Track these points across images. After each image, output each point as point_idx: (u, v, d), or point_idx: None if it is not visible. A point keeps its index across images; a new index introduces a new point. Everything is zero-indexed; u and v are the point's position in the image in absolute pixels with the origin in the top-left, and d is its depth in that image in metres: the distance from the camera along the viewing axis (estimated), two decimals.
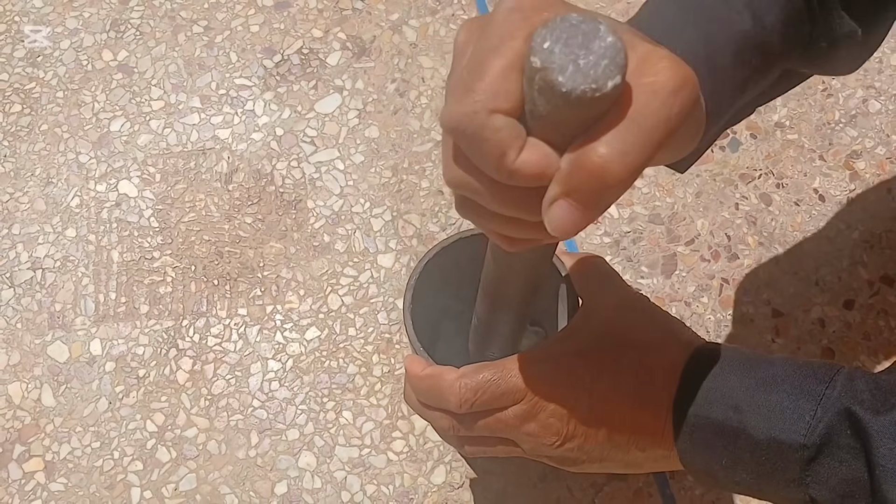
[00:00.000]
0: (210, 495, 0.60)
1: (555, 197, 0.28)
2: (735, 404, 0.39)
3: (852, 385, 0.38)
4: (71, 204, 0.70)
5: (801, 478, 0.38)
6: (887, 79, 0.72)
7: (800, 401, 0.38)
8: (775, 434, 0.38)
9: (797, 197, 0.69)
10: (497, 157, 0.28)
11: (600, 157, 0.27)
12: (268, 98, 0.73)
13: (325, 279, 0.67)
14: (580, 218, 0.28)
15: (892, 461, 0.35)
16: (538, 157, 0.28)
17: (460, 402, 0.43)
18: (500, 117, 0.28)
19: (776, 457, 0.38)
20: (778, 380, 0.39)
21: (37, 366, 0.64)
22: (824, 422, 0.37)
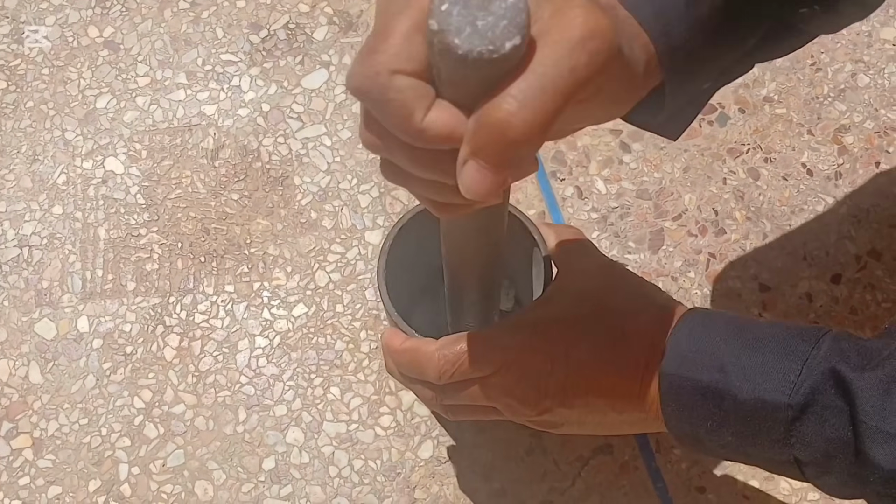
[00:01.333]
0: (198, 471, 0.61)
1: (464, 158, 0.28)
2: (720, 365, 0.39)
3: (838, 345, 0.38)
4: (57, 181, 0.70)
5: (785, 438, 0.38)
6: (876, 52, 0.72)
7: (785, 361, 0.38)
8: (760, 394, 0.38)
9: (785, 171, 0.68)
10: (402, 118, 0.28)
11: (501, 113, 0.27)
12: (254, 74, 0.73)
13: (313, 256, 0.67)
14: (491, 178, 0.28)
15: (874, 418, 0.35)
16: (445, 118, 0.28)
17: (440, 374, 0.43)
18: (403, 78, 0.28)
19: (761, 417, 0.38)
20: (764, 341, 0.39)
21: (24, 343, 0.64)
22: (809, 381, 0.37)
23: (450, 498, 0.60)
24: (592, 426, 0.45)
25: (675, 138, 0.42)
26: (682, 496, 0.59)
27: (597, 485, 0.60)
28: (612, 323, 0.43)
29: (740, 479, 0.59)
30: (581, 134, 0.70)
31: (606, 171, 0.69)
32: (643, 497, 0.59)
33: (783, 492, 0.59)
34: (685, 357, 0.40)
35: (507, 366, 0.42)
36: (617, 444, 0.61)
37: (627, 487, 0.60)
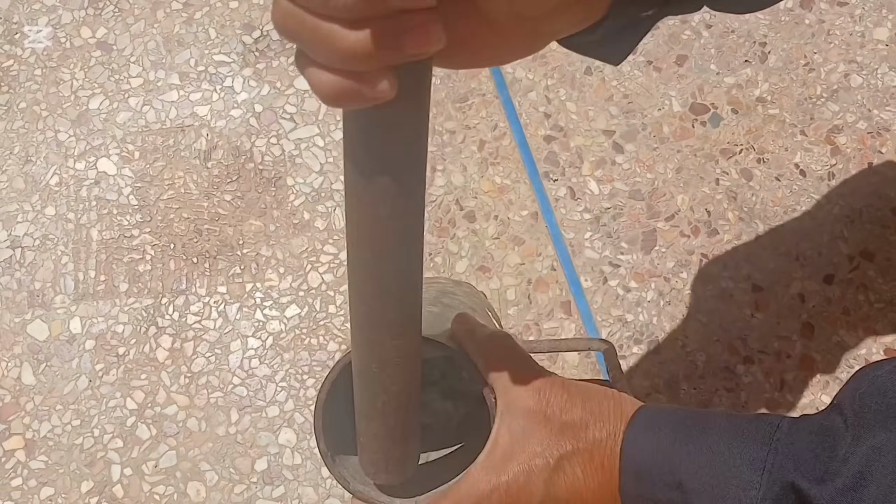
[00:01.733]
0: (190, 472, 0.61)
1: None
2: (677, 482, 0.38)
3: (793, 449, 0.37)
4: (50, 182, 0.70)
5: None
6: (869, 53, 0.72)
7: (743, 473, 0.37)
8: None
9: (778, 172, 0.68)
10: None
11: None
12: (247, 74, 0.73)
13: (305, 257, 0.67)
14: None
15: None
16: None
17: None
18: None
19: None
20: (719, 449, 0.38)
21: (16, 344, 0.64)
22: (769, 499, 0.36)
23: None
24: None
25: (616, 63, 0.40)
26: None
27: None
28: (566, 453, 0.41)
29: None
30: (574, 134, 0.70)
31: (599, 171, 0.68)
32: None
33: None
34: (640, 474, 0.39)
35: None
36: None
37: None
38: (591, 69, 0.72)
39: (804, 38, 0.73)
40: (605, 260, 0.66)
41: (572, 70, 0.72)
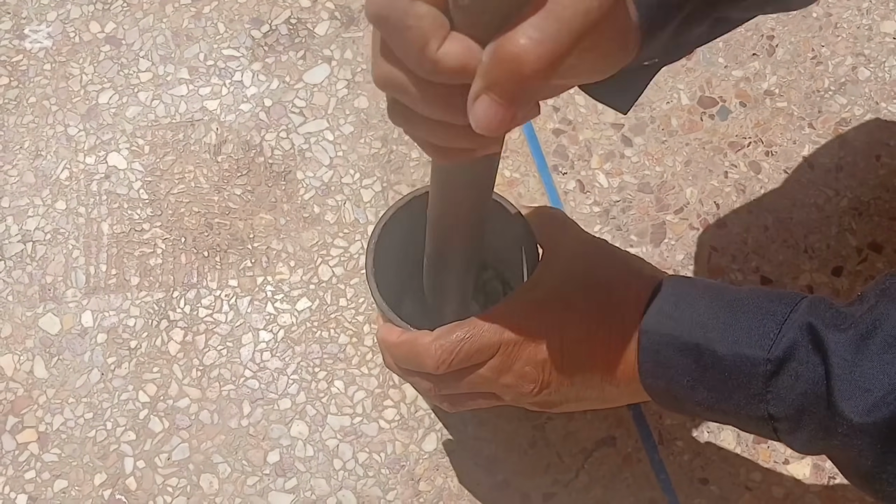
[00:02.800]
0: (203, 464, 0.61)
1: (477, 92, 0.28)
2: (700, 322, 0.40)
3: (815, 307, 0.39)
4: (60, 176, 0.70)
5: (762, 393, 0.39)
6: (877, 46, 0.72)
7: (764, 320, 0.39)
8: (739, 349, 0.39)
9: (786, 165, 0.69)
10: (419, 46, 0.28)
11: (515, 47, 0.27)
12: (256, 69, 0.73)
13: (316, 250, 0.67)
14: (504, 113, 0.28)
15: (846, 372, 0.36)
16: (460, 49, 0.28)
17: (437, 364, 0.44)
18: (421, 5, 0.28)
19: (739, 372, 0.39)
20: (744, 303, 0.40)
21: (28, 338, 0.65)
22: (787, 337, 0.38)
23: (454, 490, 0.60)
24: (591, 401, 0.45)
25: (625, 111, 0.43)
26: (684, 488, 0.59)
27: (600, 477, 0.60)
28: (600, 298, 0.43)
29: (742, 471, 0.60)
30: (583, 128, 0.70)
31: (608, 164, 0.69)
32: (646, 489, 0.60)
33: (786, 483, 0.59)
34: (665, 314, 0.41)
35: (504, 348, 0.43)
36: (620, 437, 0.61)
37: (630, 479, 0.60)
38: None
39: (812, 31, 0.73)
40: None
41: None
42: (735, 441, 0.61)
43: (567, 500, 0.59)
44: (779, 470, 0.60)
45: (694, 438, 0.61)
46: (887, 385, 0.35)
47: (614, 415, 0.62)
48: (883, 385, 0.35)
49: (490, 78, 0.28)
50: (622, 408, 0.62)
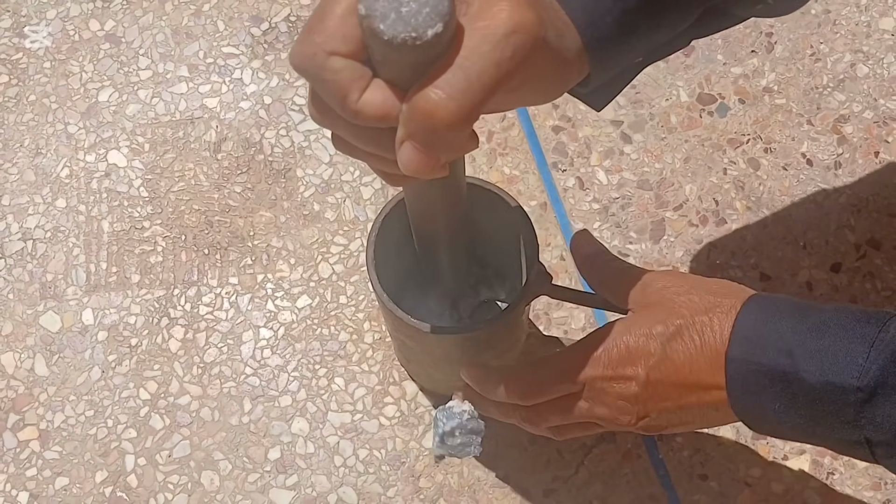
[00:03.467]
0: (204, 461, 0.61)
1: (401, 138, 0.30)
2: (787, 349, 0.39)
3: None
4: (60, 174, 0.70)
5: (855, 420, 0.38)
6: (875, 42, 0.72)
7: (852, 344, 0.38)
8: (828, 377, 0.38)
9: (785, 161, 0.69)
10: (339, 97, 0.30)
11: (427, 102, 0.29)
12: (256, 66, 0.73)
13: (316, 248, 0.67)
14: (425, 159, 0.30)
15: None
16: (380, 99, 0.30)
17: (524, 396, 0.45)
18: (338, 59, 0.29)
19: (830, 400, 0.38)
20: (830, 324, 0.39)
21: (29, 336, 0.65)
22: (878, 364, 0.37)
23: (454, 486, 0.60)
24: (698, 423, 0.45)
25: (599, 109, 0.43)
26: (684, 484, 0.60)
27: (600, 473, 0.60)
28: (684, 322, 0.43)
29: (742, 467, 0.60)
30: (582, 125, 0.70)
31: (608, 161, 0.69)
32: (645, 485, 0.60)
33: (785, 479, 0.60)
34: (750, 340, 0.41)
35: (591, 384, 0.43)
36: (619, 433, 0.61)
37: (630, 475, 0.60)
38: None
39: (810, 28, 0.73)
40: (614, 250, 0.66)
41: None
42: (734, 437, 0.61)
43: (567, 496, 0.60)
44: (778, 466, 0.60)
45: (693, 435, 0.61)
46: None
47: None
48: None
49: (409, 128, 0.30)
50: None
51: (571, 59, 0.35)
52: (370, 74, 0.30)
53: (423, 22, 0.28)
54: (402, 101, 0.30)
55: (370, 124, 0.30)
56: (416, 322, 0.48)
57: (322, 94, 0.31)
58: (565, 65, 0.35)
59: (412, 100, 0.29)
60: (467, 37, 0.29)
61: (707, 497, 0.59)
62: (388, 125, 0.30)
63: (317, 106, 0.32)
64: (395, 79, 0.30)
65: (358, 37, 0.29)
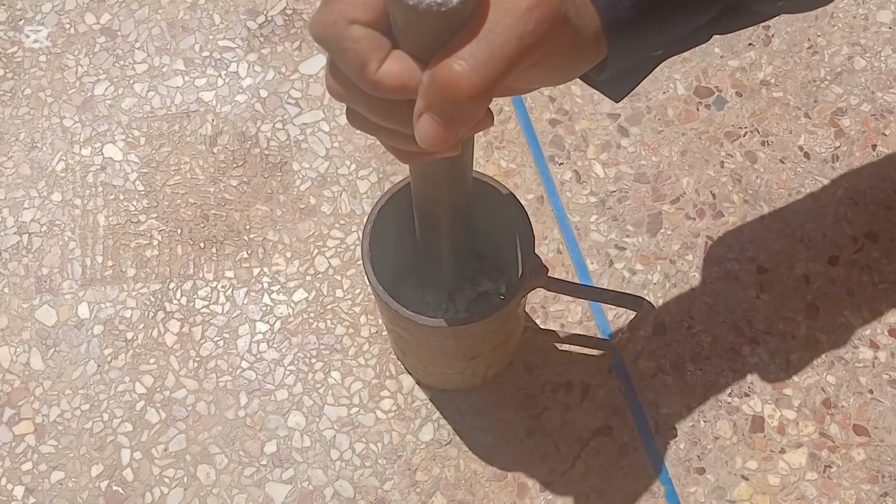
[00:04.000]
0: (200, 455, 0.61)
1: (419, 111, 0.30)
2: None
3: None
4: (56, 168, 0.70)
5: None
6: (873, 36, 0.72)
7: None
8: None
9: (782, 154, 0.69)
10: (358, 67, 0.29)
11: (450, 73, 0.28)
12: (251, 60, 0.73)
13: (312, 241, 0.67)
14: (443, 132, 0.30)
15: None
16: (399, 69, 0.29)
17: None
18: (358, 28, 0.29)
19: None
20: None
21: (25, 330, 0.65)
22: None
23: (450, 480, 0.60)
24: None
25: (617, 100, 0.42)
26: (680, 477, 0.60)
27: (596, 466, 0.60)
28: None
29: (738, 460, 0.60)
30: (579, 118, 0.70)
31: (604, 155, 0.69)
32: (642, 477, 0.60)
33: (782, 472, 0.60)
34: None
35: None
36: (616, 426, 0.61)
37: (627, 468, 0.60)
38: None
39: (808, 20, 0.73)
40: (610, 243, 0.66)
41: None
42: (731, 430, 0.61)
43: (563, 489, 0.59)
44: (774, 459, 0.60)
45: (690, 428, 0.61)
46: None
47: (611, 404, 0.62)
48: None
49: (429, 99, 0.29)
50: (619, 397, 0.62)
51: (590, 38, 0.34)
52: (390, 45, 0.30)
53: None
54: (423, 72, 0.30)
55: (388, 95, 0.30)
56: (412, 315, 0.48)
57: (340, 64, 0.30)
58: (583, 44, 0.34)
59: (434, 70, 0.29)
60: (491, 9, 0.29)
61: (703, 489, 0.59)
62: (407, 97, 0.30)
63: (335, 77, 0.31)
64: (416, 49, 0.29)
65: (379, 4, 0.29)
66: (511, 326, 0.55)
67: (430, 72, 0.29)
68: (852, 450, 0.60)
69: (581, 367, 0.63)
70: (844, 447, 0.60)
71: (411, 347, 0.56)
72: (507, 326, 0.54)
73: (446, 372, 0.59)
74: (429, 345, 0.54)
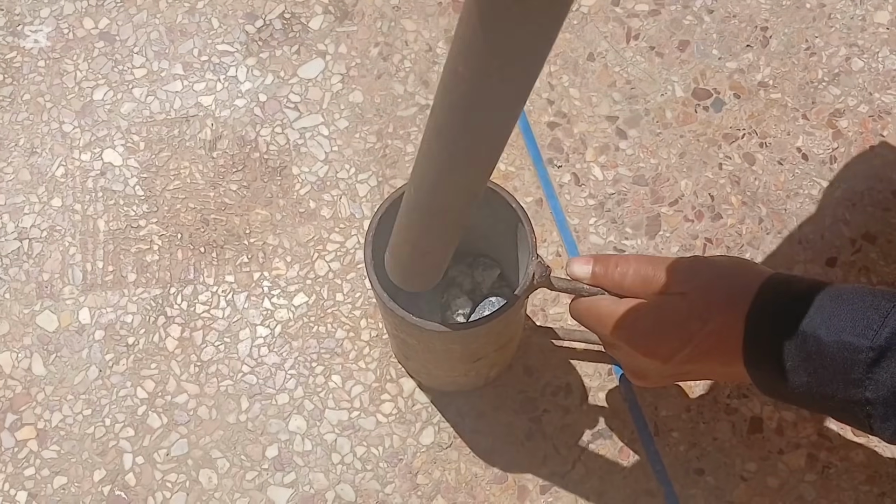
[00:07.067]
0: (202, 460, 0.61)
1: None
2: (805, 312, 0.43)
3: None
4: (56, 173, 0.70)
5: (861, 379, 0.41)
6: (870, 36, 0.72)
7: (868, 311, 0.41)
8: (842, 337, 0.41)
9: (780, 156, 0.69)
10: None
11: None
12: (250, 64, 0.73)
13: (312, 245, 0.67)
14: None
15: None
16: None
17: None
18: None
19: (841, 358, 0.41)
20: (848, 295, 0.43)
21: (26, 335, 0.65)
22: (889, 328, 0.40)
23: (451, 483, 0.60)
24: (707, 378, 0.54)
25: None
26: (680, 478, 0.60)
27: (596, 468, 0.60)
28: (712, 306, 0.47)
29: (738, 462, 0.60)
30: (577, 121, 0.70)
31: (603, 157, 0.69)
32: (642, 480, 0.60)
33: (781, 473, 0.60)
34: (768, 302, 0.44)
35: (620, 346, 0.53)
36: (616, 428, 0.61)
37: (626, 470, 0.60)
38: (593, 55, 0.72)
39: (805, 21, 0.73)
40: (609, 245, 0.66)
41: (575, 56, 0.72)
42: (731, 432, 0.61)
43: (564, 491, 0.60)
44: (774, 460, 0.60)
45: (689, 430, 0.61)
46: None
47: (610, 407, 0.62)
48: None
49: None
50: (618, 400, 0.62)
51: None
52: None
53: None
54: None
55: None
56: (419, 321, 0.48)
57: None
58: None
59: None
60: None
61: (703, 491, 0.60)
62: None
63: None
64: None
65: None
66: (515, 327, 0.56)
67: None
68: (851, 451, 0.60)
69: (581, 369, 0.63)
70: (843, 448, 0.60)
71: (415, 352, 0.56)
72: (511, 328, 0.55)
73: (451, 374, 0.59)
74: (434, 349, 0.54)
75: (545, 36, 0.29)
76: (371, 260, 0.50)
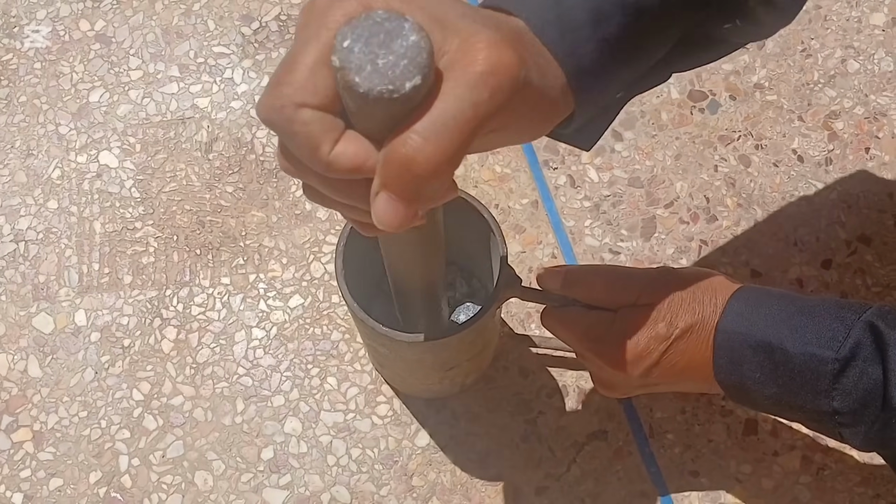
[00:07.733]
0: (197, 461, 0.61)
1: (376, 190, 0.29)
2: (773, 323, 0.44)
3: (881, 311, 0.42)
4: (52, 175, 0.70)
5: (828, 390, 0.42)
6: (866, 38, 0.72)
7: (834, 324, 0.43)
8: (809, 349, 0.42)
9: (776, 158, 0.69)
10: (309, 150, 0.28)
11: (405, 149, 0.28)
12: (246, 66, 0.73)
13: (308, 247, 0.67)
14: (402, 211, 0.29)
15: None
16: (354, 151, 0.29)
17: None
18: (307, 111, 0.28)
19: (808, 369, 0.42)
20: (815, 308, 0.44)
21: (22, 337, 0.65)
22: (853, 337, 0.42)
23: (446, 485, 0.60)
24: (678, 389, 0.52)
25: (587, 149, 0.43)
26: (675, 480, 0.60)
27: (591, 470, 0.60)
28: (685, 325, 0.47)
29: (732, 463, 0.60)
30: None
31: (598, 159, 0.69)
32: (637, 481, 0.60)
33: (775, 475, 0.60)
34: (739, 315, 0.45)
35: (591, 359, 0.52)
36: (611, 430, 0.61)
37: (621, 472, 0.60)
38: None
39: (801, 23, 0.73)
40: (605, 247, 0.66)
41: None
42: (725, 434, 0.61)
43: (559, 493, 0.60)
44: (769, 462, 0.60)
45: (684, 431, 0.61)
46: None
47: (605, 409, 0.62)
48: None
49: (385, 178, 0.28)
50: (613, 402, 0.62)
51: (555, 96, 0.34)
52: (342, 126, 0.29)
53: (401, 74, 0.26)
54: (378, 151, 0.29)
55: (344, 176, 0.29)
56: (389, 331, 0.48)
57: (291, 147, 0.29)
58: (549, 103, 0.34)
59: (388, 147, 0.28)
60: (446, 79, 0.28)
61: (698, 493, 0.60)
62: (362, 176, 0.29)
63: (286, 157, 0.30)
64: (371, 130, 0.28)
65: (329, 88, 0.28)
66: (488, 336, 0.55)
67: (385, 150, 0.28)
68: (845, 453, 0.60)
69: (575, 371, 0.63)
70: (838, 450, 0.60)
71: (388, 360, 0.56)
72: (484, 337, 0.54)
73: (424, 382, 0.59)
74: (406, 358, 0.53)
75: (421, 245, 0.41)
76: (342, 269, 0.49)
